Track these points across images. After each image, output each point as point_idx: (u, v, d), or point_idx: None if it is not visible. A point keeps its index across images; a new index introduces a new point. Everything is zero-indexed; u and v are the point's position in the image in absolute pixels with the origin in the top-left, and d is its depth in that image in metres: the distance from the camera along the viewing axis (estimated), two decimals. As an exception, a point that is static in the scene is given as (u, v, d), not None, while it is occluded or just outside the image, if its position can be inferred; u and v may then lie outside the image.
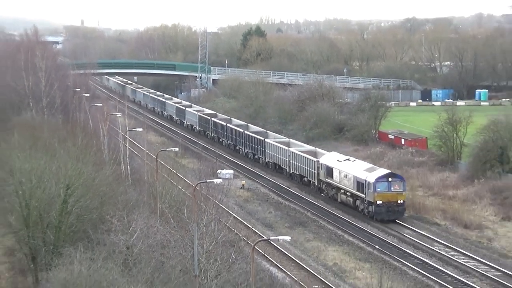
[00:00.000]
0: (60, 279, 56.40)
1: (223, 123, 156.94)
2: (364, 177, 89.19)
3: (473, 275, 79.12)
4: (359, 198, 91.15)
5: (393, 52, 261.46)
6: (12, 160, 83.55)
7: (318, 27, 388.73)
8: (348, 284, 77.76)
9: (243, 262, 63.44)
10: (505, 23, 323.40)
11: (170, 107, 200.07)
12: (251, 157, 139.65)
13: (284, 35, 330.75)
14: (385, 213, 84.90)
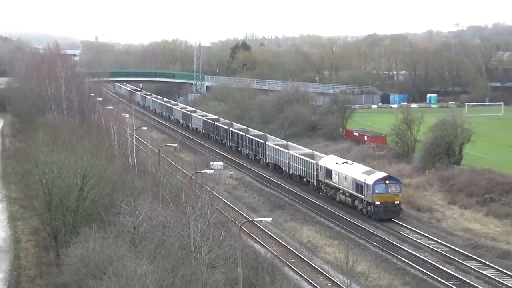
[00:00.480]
0: (78, 254, 56.64)
1: (226, 127, 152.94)
2: (363, 179, 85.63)
3: (425, 250, 79.34)
4: (357, 199, 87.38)
5: (357, 63, 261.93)
6: (37, 154, 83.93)
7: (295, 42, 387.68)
8: (320, 258, 77.90)
9: (231, 240, 63.61)
10: (451, 38, 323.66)
11: (177, 112, 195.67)
12: (252, 158, 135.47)
13: (266, 48, 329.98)
14: (383, 213, 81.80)
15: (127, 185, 78.80)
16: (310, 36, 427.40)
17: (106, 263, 52.30)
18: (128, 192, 73.67)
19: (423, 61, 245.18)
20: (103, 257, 53.81)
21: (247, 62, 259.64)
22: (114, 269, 50.67)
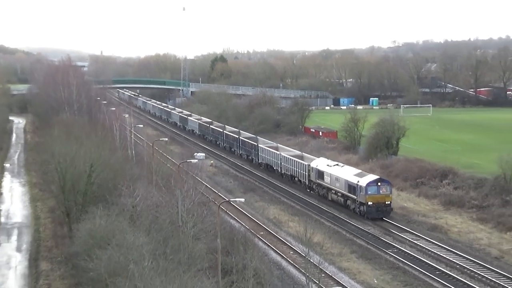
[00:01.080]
0: (86, 229, 56.36)
1: (220, 130, 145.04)
2: (355, 181, 78.78)
3: (369, 225, 79.26)
4: (350, 199, 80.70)
5: (313, 72, 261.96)
6: (53, 147, 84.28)
7: (263, 55, 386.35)
8: (284, 231, 77.93)
9: (212, 216, 63.40)
10: (389, 53, 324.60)
11: (174, 115, 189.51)
12: (244, 157, 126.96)
13: (239, 61, 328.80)
14: (375, 212, 75.91)
15: (127, 172, 78.60)
16: (275, 51, 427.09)
17: (110, 236, 52.10)
18: (127, 177, 73.55)
19: (367, 71, 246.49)
20: (107, 230, 53.62)
21: (224, 72, 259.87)
22: (116, 241, 50.49)
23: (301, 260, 55.74)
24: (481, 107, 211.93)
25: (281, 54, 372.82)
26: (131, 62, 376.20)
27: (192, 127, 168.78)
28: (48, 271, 65.43)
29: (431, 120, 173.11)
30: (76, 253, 58.43)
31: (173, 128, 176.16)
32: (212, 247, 55.63)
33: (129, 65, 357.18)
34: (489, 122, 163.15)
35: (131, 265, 44.39)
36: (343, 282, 58.20)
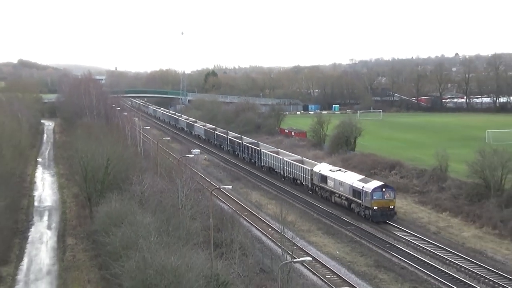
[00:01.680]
0: (104, 211, 56.20)
1: (224, 135, 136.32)
2: (360, 186, 71.12)
3: (333, 206, 79.33)
4: (354, 203, 73.09)
5: (287, 84, 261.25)
6: (77, 144, 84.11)
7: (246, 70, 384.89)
8: (263, 212, 78.11)
9: (205, 200, 63.32)
10: (348, 68, 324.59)
11: (182, 122, 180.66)
12: (247, 161, 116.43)
13: (227, 75, 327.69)
14: (380, 216, 68.52)
15: (137, 165, 78.78)
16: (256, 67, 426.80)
17: (123, 216, 51.98)
18: (137, 169, 73.73)
19: (330, 83, 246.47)
20: (121, 212, 53.49)
21: (215, 84, 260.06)
22: (128, 220, 50.36)
23: (278, 235, 55.68)
24: (422, 112, 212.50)
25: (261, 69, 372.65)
26: (140, 76, 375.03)
27: (198, 132, 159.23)
28: (73, 245, 65.43)
29: (382, 122, 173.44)
30: (96, 231, 58.31)
31: (180, 133, 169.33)
32: (205, 225, 55.55)
33: (138, 78, 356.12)
34: (428, 124, 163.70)
35: (140, 240, 44.30)
36: (312, 253, 58.20)
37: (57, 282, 54.69)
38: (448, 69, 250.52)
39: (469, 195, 72.92)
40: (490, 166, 71.90)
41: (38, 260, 61.58)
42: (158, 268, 38.70)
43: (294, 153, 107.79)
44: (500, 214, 65.90)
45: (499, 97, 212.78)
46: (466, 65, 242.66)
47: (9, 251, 63.04)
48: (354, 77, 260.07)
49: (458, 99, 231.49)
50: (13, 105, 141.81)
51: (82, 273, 56.47)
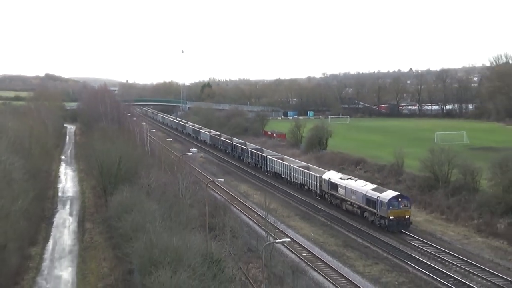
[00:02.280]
0: (117, 200, 56.14)
1: (229, 141, 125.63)
2: (375, 196, 62.00)
3: (309, 196, 79.24)
4: (368, 211, 63.86)
5: (270, 94, 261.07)
6: (94, 144, 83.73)
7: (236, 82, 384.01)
8: (250, 200, 78.03)
9: (202, 191, 63.10)
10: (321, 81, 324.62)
11: (188, 128, 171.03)
12: (253, 165, 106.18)
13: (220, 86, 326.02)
14: (395, 226, 59.51)
15: (144, 161, 78.61)
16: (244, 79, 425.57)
17: (133, 204, 51.88)
18: (144, 165, 73.64)
19: (305, 93, 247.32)
20: (131, 201, 53.38)
21: (210, 93, 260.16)
22: (137, 208, 50.27)
23: (262, 220, 55.71)
24: (382, 117, 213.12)
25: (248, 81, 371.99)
26: (147, 87, 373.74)
27: (204, 138, 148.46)
28: (91, 229, 65.29)
29: (348, 126, 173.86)
30: (110, 216, 58.17)
31: (187, 138, 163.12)
32: (202, 212, 55.43)
33: (146, 89, 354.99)
34: (387, 128, 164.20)
35: (147, 224, 44.17)
36: (290, 235, 58.29)
37: (77, 260, 54.68)
38: (403, 82, 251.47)
39: (421, 186, 73.23)
40: (438, 162, 72.35)
41: (61, 241, 61.50)
42: (162, 248, 38.64)
43: (275, 151, 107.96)
44: (447, 202, 66.34)
45: (446, 105, 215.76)
46: (419, 78, 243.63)
47: (37, 234, 62.95)
48: (325, 88, 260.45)
49: (412, 106, 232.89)
50: (41, 112, 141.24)
51: (98, 252, 56.45)
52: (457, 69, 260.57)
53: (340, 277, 47.98)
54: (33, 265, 53.31)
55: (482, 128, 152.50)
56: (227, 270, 41.11)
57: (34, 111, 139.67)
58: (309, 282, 46.58)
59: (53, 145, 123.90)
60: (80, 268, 52.27)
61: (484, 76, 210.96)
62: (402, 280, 47.02)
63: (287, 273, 47.51)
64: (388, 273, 48.93)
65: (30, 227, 58.68)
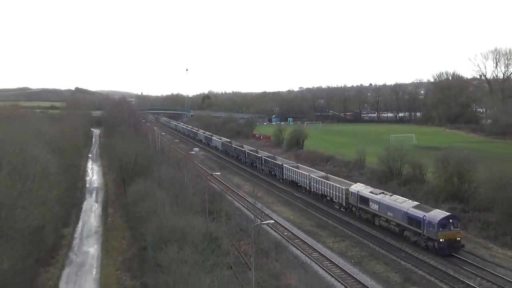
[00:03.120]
0: (134, 190, 55.91)
1: (241, 148, 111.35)
2: (420, 215, 46.92)
3: (286, 185, 78.97)
4: (410, 231, 48.16)
5: (257, 104, 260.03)
6: (115, 145, 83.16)
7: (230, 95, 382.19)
8: (242, 190, 77.67)
9: (202, 182, 63.01)
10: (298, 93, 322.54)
11: (200, 135, 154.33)
12: (267, 172, 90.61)
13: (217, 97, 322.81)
14: (447, 249, 44.54)
15: (156, 159, 78.29)
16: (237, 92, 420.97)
17: (146, 193, 51.70)
18: (156, 161, 73.43)
19: (286, 103, 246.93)
20: (145, 190, 53.16)
21: (209, 104, 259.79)
22: (150, 196, 50.10)
23: (251, 205, 55.66)
24: (347, 123, 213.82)
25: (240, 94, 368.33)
26: (158, 98, 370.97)
27: (215, 144, 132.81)
28: (112, 213, 65.01)
29: (320, 130, 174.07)
30: (128, 203, 58.05)
31: (199, 144, 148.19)
32: (202, 199, 55.27)
33: (157, 100, 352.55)
34: (351, 131, 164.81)
35: (158, 209, 44.07)
36: (274, 217, 58.23)
37: (102, 238, 54.50)
38: (365, 94, 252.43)
39: (379, 178, 73.39)
40: (393, 159, 72.62)
41: (89, 223, 61.24)
42: (170, 228, 38.56)
43: (262, 150, 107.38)
44: (400, 191, 66.22)
45: (399, 113, 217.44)
46: (377, 91, 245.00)
47: (69, 217, 62.65)
48: (302, 99, 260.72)
49: (371, 114, 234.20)
50: (72, 119, 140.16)
51: (118, 232, 56.29)
52: (408, 83, 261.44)
53: (314, 251, 48.09)
54: (66, 242, 53.13)
55: (427, 131, 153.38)
56: (223, 246, 41.12)
57: (66, 118, 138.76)
58: (289, 256, 46.67)
59: (81, 145, 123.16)
60: (104, 245, 52.12)
61: (429, 89, 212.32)
62: (364, 253, 47.19)
63: (271, 248, 47.60)
64: (353, 248, 49.10)
65: (63, 212, 58.42)
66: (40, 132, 78.75)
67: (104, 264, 46.39)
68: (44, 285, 41.10)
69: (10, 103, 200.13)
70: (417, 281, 39.90)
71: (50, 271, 44.46)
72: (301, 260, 45.72)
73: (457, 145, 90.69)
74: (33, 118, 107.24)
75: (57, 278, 43.01)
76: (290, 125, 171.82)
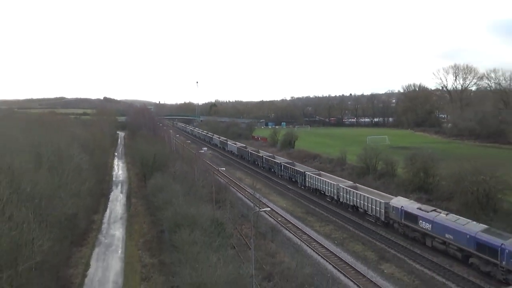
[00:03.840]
0: (153, 182, 55.70)
1: (256, 153, 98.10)
2: (496, 243, 32.00)
3: (279, 178, 78.34)
4: (479, 259, 33.64)
5: (256, 111, 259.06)
6: (138, 145, 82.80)
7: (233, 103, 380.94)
8: (243, 183, 77.14)
9: (210, 176, 62.90)
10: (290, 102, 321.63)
11: (216, 140, 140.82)
12: (286, 178, 76.42)
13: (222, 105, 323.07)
14: None
15: (171, 156, 77.93)
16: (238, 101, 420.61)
17: (163, 186, 51.57)
18: (171, 159, 73.08)
19: (280, 110, 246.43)
20: (162, 183, 52.99)
21: (215, 111, 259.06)
22: (166, 188, 49.96)
23: (251, 195, 55.60)
24: (331, 127, 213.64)
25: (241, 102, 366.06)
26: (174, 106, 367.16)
27: (231, 149, 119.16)
28: (135, 202, 64.72)
29: (309, 133, 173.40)
30: (148, 194, 57.84)
31: (215, 148, 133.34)
32: (210, 191, 55.21)
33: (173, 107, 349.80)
34: (334, 134, 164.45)
35: (173, 199, 43.99)
36: (270, 206, 58.09)
37: (126, 223, 54.32)
38: (346, 103, 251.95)
39: (357, 173, 73.08)
40: (369, 157, 72.46)
41: (115, 211, 61.02)
42: (183, 215, 38.50)
43: (261, 149, 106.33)
44: (375, 183, 66.13)
45: (374, 118, 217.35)
46: (356, 100, 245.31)
47: (98, 206, 62.46)
48: (293, 107, 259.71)
49: (351, 119, 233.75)
50: (101, 123, 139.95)
51: (140, 218, 56.10)
52: (381, 93, 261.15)
53: (304, 234, 48.04)
54: (96, 227, 53.01)
55: (398, 133, 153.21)
56: (227, 230, 41.06)
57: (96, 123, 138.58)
58: (283, 238, 46.62)
59: (109, 145, 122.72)
60: (128, 229, 52.00)
61: (399, 98, 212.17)
62: (345, 236, 47.15)
63: (268, 231, 47.54)
64: (336, 231, 49.04)
65: (93, 201, 58.33)
66: (74, 135, 78.74)
67: (127, 245, 46.34)
68: (77, 263, 41.10)
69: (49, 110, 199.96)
70: (390, 258, 39.94)
71: (83, 251, 44.46)
72: (293, 241, 45.70)
73: (423, 145, 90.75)
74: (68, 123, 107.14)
75: (88, 256, 43.03)
76: (284, 128, 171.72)
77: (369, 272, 36.66)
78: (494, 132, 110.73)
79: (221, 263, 28.57)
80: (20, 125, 63.81)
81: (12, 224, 27.55)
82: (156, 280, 36.48)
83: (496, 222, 42.14)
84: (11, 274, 25.76)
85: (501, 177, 47.83)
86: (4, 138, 38.65)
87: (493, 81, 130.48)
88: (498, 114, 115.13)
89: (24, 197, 32.09)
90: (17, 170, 34.31)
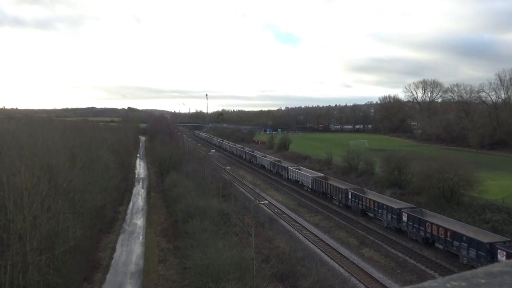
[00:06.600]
0: (169, 179, 55.58)
1: (279, 163, 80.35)
2: None
3: (274, 175, 77.69)
4: None
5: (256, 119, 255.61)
6: (156, 147, 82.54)
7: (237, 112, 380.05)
8: (245, 180, 76.28)
9: (217, 174, 62.89)
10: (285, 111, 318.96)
11: (226, 145, 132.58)
12: (309, 188, 61.38)
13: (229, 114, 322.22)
14: None
15: (184, 157, 77.57)
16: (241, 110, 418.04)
17: (178, 182, 51.49)
18: (184, 159, 72.78)
19: (276, 119, 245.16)
20: (177, 180, 52.93)
21: (222, 119, 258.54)
22: (180, 184, 49.88)
23: (252, 191, 55.45)
24: (319, 132, 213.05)
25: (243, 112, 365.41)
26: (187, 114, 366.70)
27: (239, 152, 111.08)
28: (154, 196, 64.50)
29: (300, 137, 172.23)
30: (165, 189, 57.66)
31: (237, 158, 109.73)
32: (217, 186, 55.09)
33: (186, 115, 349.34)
34: (322, 138, 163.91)
35: (186, 193, 43.90)
36: (268, 199, 57.79)
37: (146, 214, 54.20)
38: (332, 112, 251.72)
39: (342, 172, 72.70)
40: (352, 157, 72.33)
41: (137, 203, 60.83)
42: (194, 207, 38.44)
43: (261, 152, 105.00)
44: (356, 180, 66.14)
45: (356, 125, 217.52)
46: (340, 110, 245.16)
47: (123, 199, 62.28)
48: (288, 116, 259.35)
49: (337, 126, 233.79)
50: (125, 129, 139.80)
51: (158, 209, 55.92)
52: (362, 104, 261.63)
53: (296, 223, 47.92)
54: (121, 217, 52.86)
55: (376, 138, 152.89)
56: (231, 220, 41.00)
57: (121, 129, 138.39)
58: (279, 226, 46.51)
59: (132, 148, 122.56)
60: (148, 218, 51.88)
61: (377, 108, 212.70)
62: (331, 224, 47.02)
63: (266, 221, 47.44)
64: (323, 220, 48.91)
65: (119, 195, 58.28)
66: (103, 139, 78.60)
67: (147, 232, 46.25)
68: (105, 247, 41.02)
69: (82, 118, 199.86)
70: (369, 244, 39.82)
71: (109, 237, 44.38)
72: (287, 229, 45.61)
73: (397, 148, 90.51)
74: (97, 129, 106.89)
75: (114, 242, 42.96)
76: (279, 134, 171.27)
77: (351, 256, 36.60)
78: (457, 137, 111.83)
79: (226, 247, 28.55)
80: (58, 130, 63.64)
81: (50, 215, 27.58)
82: (171, 262, 36.50)
83: (459, 213, 42.15)
84: (49, 257, 25.81)
85: (463, 175, 47.87)
86: (44, 142, 38.61)
87: (456, 94, 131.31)
88: (460, 122, 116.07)
89: (61, 192, 32.08)
90: (55, 168, 34.33)
